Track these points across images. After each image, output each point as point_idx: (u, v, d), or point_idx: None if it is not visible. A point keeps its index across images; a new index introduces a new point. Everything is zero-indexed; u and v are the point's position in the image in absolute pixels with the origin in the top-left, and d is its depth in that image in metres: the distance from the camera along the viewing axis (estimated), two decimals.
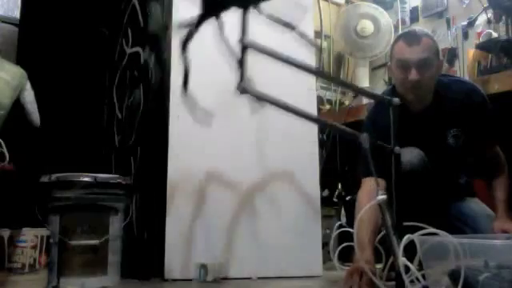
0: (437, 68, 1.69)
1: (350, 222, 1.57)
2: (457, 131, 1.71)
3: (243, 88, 1.20)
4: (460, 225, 1.73)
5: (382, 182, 1.53)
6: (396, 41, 1.74)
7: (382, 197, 1.25)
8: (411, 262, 1.22)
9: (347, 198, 2.59)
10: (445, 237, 1.19)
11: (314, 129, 2.14)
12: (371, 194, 1.36)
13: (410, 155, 1.63)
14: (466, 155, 1.77)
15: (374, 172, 1.26)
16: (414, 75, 1.63)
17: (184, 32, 1.26)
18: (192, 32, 1.24)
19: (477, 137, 1.72)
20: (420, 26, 2.88)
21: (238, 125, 2.01)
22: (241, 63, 1.21)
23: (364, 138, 1.26)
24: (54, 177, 1.69)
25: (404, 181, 1.34)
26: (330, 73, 3.11)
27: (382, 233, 1.45)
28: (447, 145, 1.72)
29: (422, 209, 1.53)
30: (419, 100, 1.70)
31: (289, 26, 1.33)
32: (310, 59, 2.20)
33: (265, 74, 1.70)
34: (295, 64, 1.32)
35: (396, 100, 1.38)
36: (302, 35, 1.40)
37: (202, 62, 1.92)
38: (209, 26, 1.26)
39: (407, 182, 1.39)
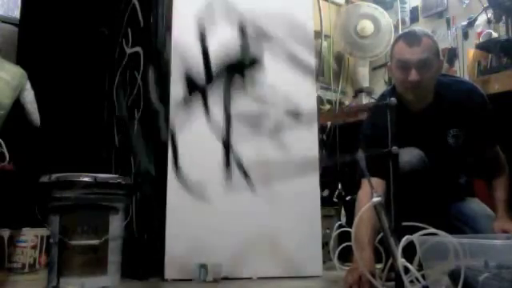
0: (437, 68, 1.69)
1: (350, 221, 1.57)
2: (457, 131, 1.71)
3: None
4: (460, 225, 1.73)
5: (381, 182, 1.54)
6: (396, 41, 1.73)
7: (377, 199, 1.25)
8: (412, 260, 1.22)
9: (347, 198, 2.59)
10: (445, 237, 1.19)
11: (314, 129, 2.14)
12: (371, 194, 1.36)
13: (410, 155, 1.63)
14: (466, 155, 1.77)
15: (368, 173, 1.26)
16: (414, 75, 1.63)
17: (183, 30, 1.19)
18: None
19: (477, 137, 1.72)
20: (420, 26, 2.88)
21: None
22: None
23: (360, 157, 1.26)
24: (54, 177, 1.69)
25: (404, 181, 1.34)
26: (330, 73, 3.10)
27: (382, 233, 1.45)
28: (447, 145, 1.72)
29: (422, 209, 1.53)
30: (419, 100, 1.70)
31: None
32: (310, 60, 2.20)
33: (266, 77, 1.70)
34: None
35: (393, 100, 1.37)
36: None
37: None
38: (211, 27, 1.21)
39: (407, 182, 1.39)
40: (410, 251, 1.23)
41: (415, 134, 1.67)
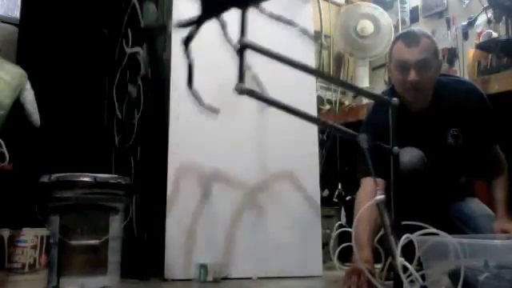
0: (436, 68, 1.69)
1: (350, 222, 1.57)
2: (456, 131, 1.71)
3: (241, 89, 1.21)
4: (460, 225, 1.73)
5: (381, 182, 1.53)
6: (395, 41, 1.73)
7: (381, 197, 1.25)
8: (413, 260, 1.22)
9: (347, 198, 2.59)
10: (445, 237, 1.19)
11: (314, 129, 2.14)
12: (370, 193, 1.36)
13: (410, 155, 1.63)
14: (466, 155, 1.77)
15: (373, 172, 1.26)
16: (413, 76, 1.63)
17: (183, 31, 1.29)
18: (193, 32, 1.26)
19: (476, 137, 1.72)
20: (420, 26, 2.88)
21: (238, 125, 2.01)
22: (240, 64, 1.22)
23: (362, 138, 1.26)
24: (54, 177, 1.69)
25: (404, 181, 1.34)
26: (330, 73, 3.11)
27: (381, 232, 1.45)
28: (447, 145, 1.72)
29: (422, 209, 1.53)
30: (418, 100, 1.70)
31: (290, 23, 1.35)
32: (310, 58, 2.21)
33: (265, 76, 1.71)
34: (293, 63, 1.32)
35: (395, 100, 1.37)
36: (304, 31, 1.45)
37: (204, 62, 1.92)
38: (210, 24, 1.29)
39: (407, 181, 1.39)
40: (411, 251, 1.23)
41: (415, 134, 1.67)
